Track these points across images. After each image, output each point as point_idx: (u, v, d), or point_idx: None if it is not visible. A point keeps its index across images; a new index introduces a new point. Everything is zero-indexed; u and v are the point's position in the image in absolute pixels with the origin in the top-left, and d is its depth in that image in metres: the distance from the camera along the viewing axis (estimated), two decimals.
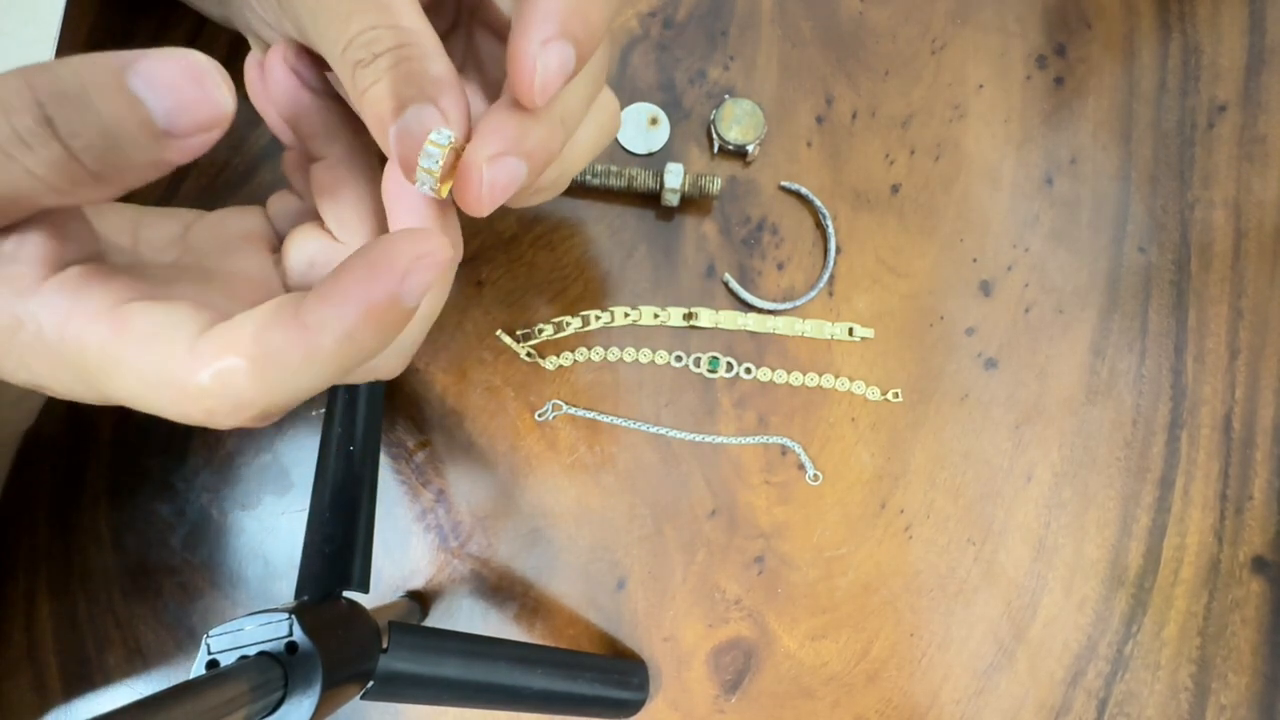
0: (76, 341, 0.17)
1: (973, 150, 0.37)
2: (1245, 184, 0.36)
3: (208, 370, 0.16)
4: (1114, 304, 0.36)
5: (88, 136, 0.14)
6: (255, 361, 0.16)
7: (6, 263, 0.17)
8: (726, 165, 0.36)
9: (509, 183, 0.18)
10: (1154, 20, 0.38)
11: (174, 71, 0.14)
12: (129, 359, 0.16)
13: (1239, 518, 0.35)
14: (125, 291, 0.17)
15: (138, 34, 0.37)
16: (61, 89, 0.14)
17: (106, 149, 0.15)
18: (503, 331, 0.35)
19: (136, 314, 0.17)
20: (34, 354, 0.17)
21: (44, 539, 0.35)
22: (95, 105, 0.14)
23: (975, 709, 0.34)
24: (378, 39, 0.18)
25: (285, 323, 0.16)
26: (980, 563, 0.35)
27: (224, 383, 0.16)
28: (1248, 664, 0.34)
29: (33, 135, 0.14)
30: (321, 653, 0.21)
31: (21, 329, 0.17)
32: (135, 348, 0.16)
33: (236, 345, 0.16)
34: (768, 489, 0.35)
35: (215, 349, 0.16)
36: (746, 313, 0.36)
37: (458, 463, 0.35)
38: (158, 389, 0.16)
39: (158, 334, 0.16)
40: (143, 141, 0.15)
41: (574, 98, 0.21)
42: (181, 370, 0.16)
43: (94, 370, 0.17)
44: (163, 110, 0.14)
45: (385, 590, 0.35)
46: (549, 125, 0.19)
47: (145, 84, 0.14)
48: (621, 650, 0.34)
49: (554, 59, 0.17)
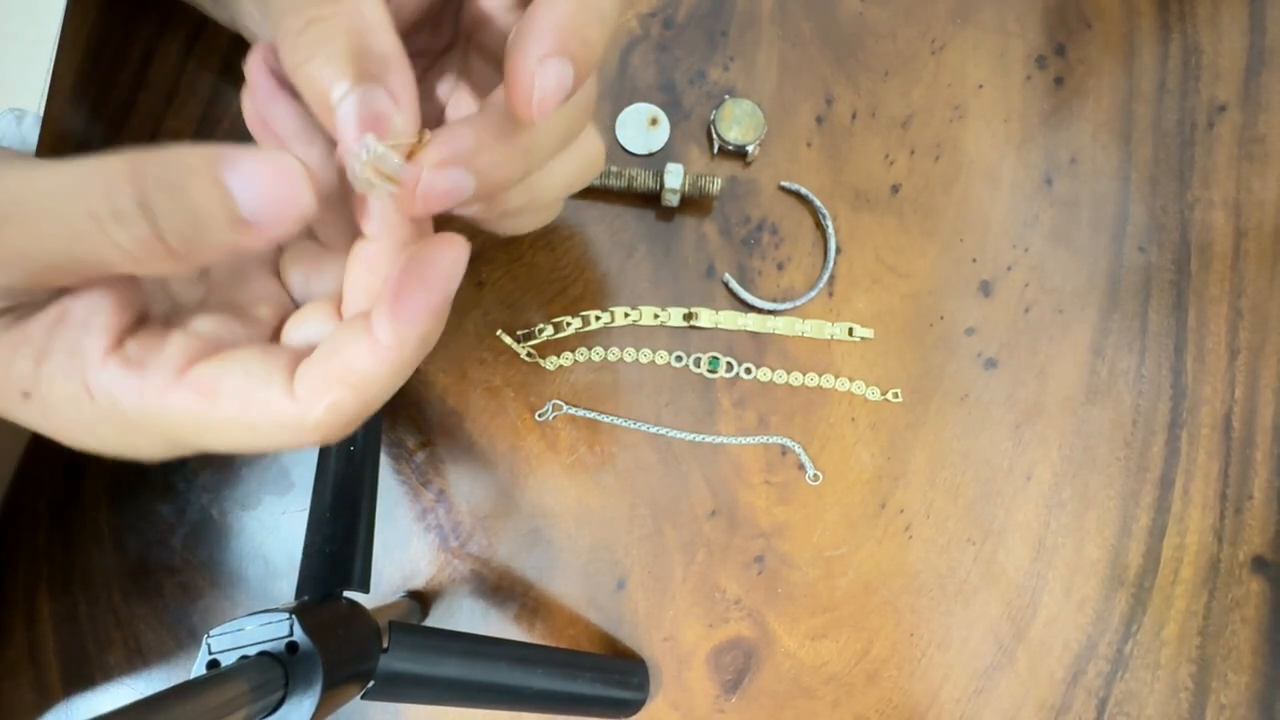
0: (160, 412, 0.18)
1: (973, 150, 0.37)
2: (1245, 184, 0.36)
3: (320, 408, 0.18)
4: (1114, 304, 0.36)
5: (177, 220, 0.16)
6: (356, 388, 0.18)
7: (77, 330, 0.18)
8: (726, 165, 0.36)
9: (449, 192, 0.18)
10: (1154, 20, 0.38)
11: (266, 170, 0.16)
12: (229, 418, 0.18)
13: (1239, 517, 0.35)
14: (184, 353, 0.18)
15: (138, 34, 0.37)
16: (162, 175, 0.16)
17: (191, 232, 0.16)
18: (503, 331, 0.35)
19: (217, 377, 0.18)
20: (106, 423, 0.18)
21: (44, 539, 0.35)
22: (190, 193, 0.16)
23: (975, 708, 0.34)
24: (316, 8, 0.17)
25: (370, 349, 0.17)
26: (980, 562, 0.35)
27: (335, 412, 0.18)
28: (1247, 663, 0.34)
29: (129, 214, 0.16)
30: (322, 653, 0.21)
31: (92, 400, 0.18)
32: (234, 408, 0.18)
33: (335, 379, 0.18)
34: (768, 489, 0.35)
35: (318, 388, 0.18)
36: (746, 313, 0.36)
37: (458, 463, 0.35)
38: (270, 434, 0.18)
39: (250, 391, 0.18)
40: (225, 228, 0.16)
41: (546, 131, 0.21)
42: (293, 415, 0.18)
43: (186, 432, 0.18)
44: (249, 202, 0.16)
45: (386, 590, 0.35)
46: (510, 150, 0.19)
47: (238, 178, 0.16)
48: (621, 650, 0.34)
49: (551, 76, 0.17)
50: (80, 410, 0.18)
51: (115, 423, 0.19)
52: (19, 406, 0.19)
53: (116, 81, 0.36)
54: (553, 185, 0.24)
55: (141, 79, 0.37)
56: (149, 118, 0.36)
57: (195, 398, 0.18)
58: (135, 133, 0.36)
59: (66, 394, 0.18)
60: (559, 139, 0.22)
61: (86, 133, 0.36)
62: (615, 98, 0.37)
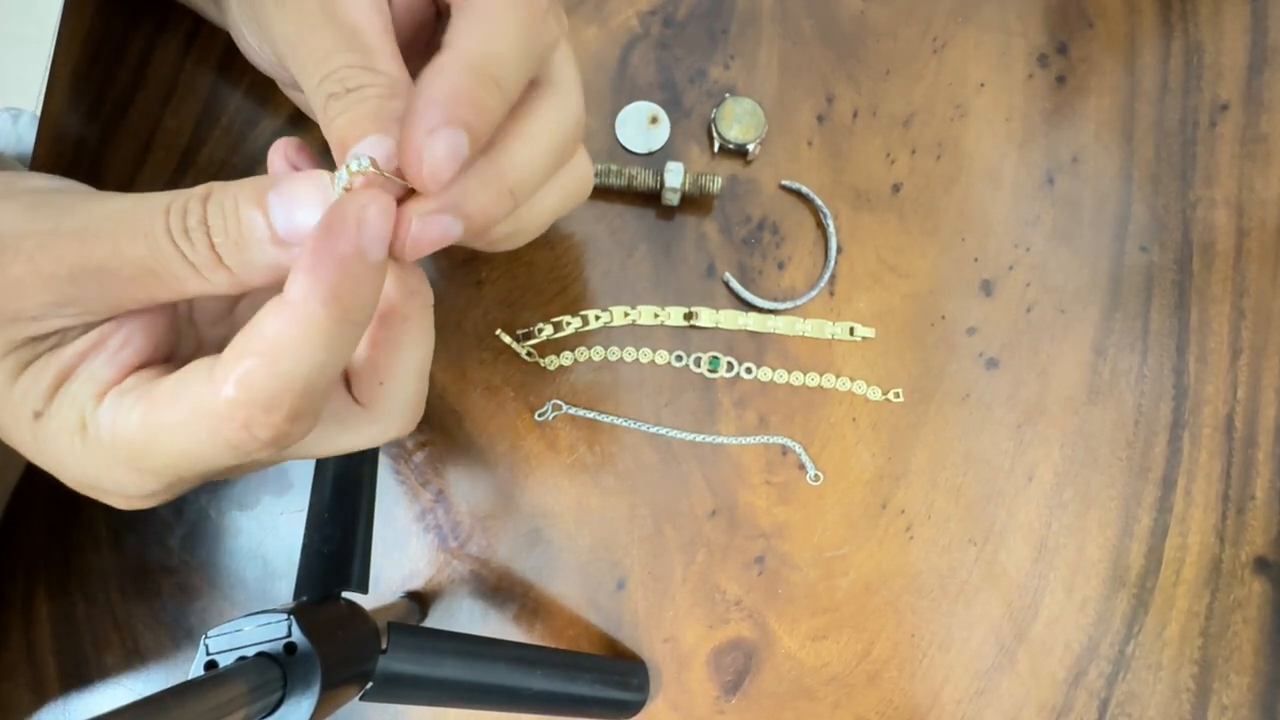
0: (121, 432, 0.19)
1: (974, 149, 0.37)
2: (1247, 183, 0.36)
3: (228, 383, 0.17)
4: (1116, 303, 0.36)
5: (230, 238, 0.18)
6: (264, 355, 0.17)
7: (104, 358, 0.19)
8: (727, 164, 0.36)
9: (437, 239, 0.19)
10: (1156, 19, 0.37)
11: (299, 188, 0.18)
12: (164, 419, 0.18)
13: (1241, 518, 0.35)
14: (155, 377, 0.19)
15: (136, 34, 0.37)
16: (223, 199, 0.18)
17: (239, 249, 0.18)
18: (503, 331, 0.35)
19: (159, 384, 0.19)
20: (92, 458, 0.19)
21: (43, 539, 0.35)
22: (239, 214, 0.18)
23: (976, 709, 0.34)
24: (353, 76, 0.20)
25: (275, 309, 0.17)
26: (981, 563, 0.35)
27: (246, 387, 0.17)
28: (1249, 664, 0.34)
29: (195, 229, 0.18)
30: (320, 654, 0.21)
31: (84, 432, 0.19)
32: (165, 408, 0.18)
33: (243, 350, 0.17)
34: (768, 489, 0.35)
35: (227, 363, 0.17)
36: (747, 312, 0.35)
37: (457, 463, 0.35)
38: (195, 428, 0.18)
39: (179, 386, 0.18)
40: (267, 246, 0.18)
41: (530, 170, 0.21)
42: (208, 397, 0.17)
43: (141, 451, 0.19)
44: (283, 222, 0.18)
45: (385, 591, 0.34)
46: (495, 193, 0.20)
47: (278, 199, 0.18)
48: (621, 651, 0.34)
49: (441, 147, 0.18)
50: (77, 442, 0.19)
51: (99, 457, 0.19)
52: (30, 427, 0.19)
53: (115, 80, 0.36)
54: (540, 213, 0.24)
55: (140, 77, 0.36)
56: (147, 116, 0.36)
57: (141, 408, 0.18)
58: (134, 131, 0.36)
59: (65, 421, 0.19)
60: (544, 175, 0.22)
61: (84, 131, 0.36)
62: (615, 96, 0.36)
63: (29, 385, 0.19)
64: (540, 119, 0.22)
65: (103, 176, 0.36)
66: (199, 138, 0.36)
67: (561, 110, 0.22)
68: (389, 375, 0.21)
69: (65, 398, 0.19)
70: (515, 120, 0.21)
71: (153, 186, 0.36)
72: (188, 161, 0.36)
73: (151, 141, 0.36)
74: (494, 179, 0.20)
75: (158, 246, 0.18)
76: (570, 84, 0.23)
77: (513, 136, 0.21)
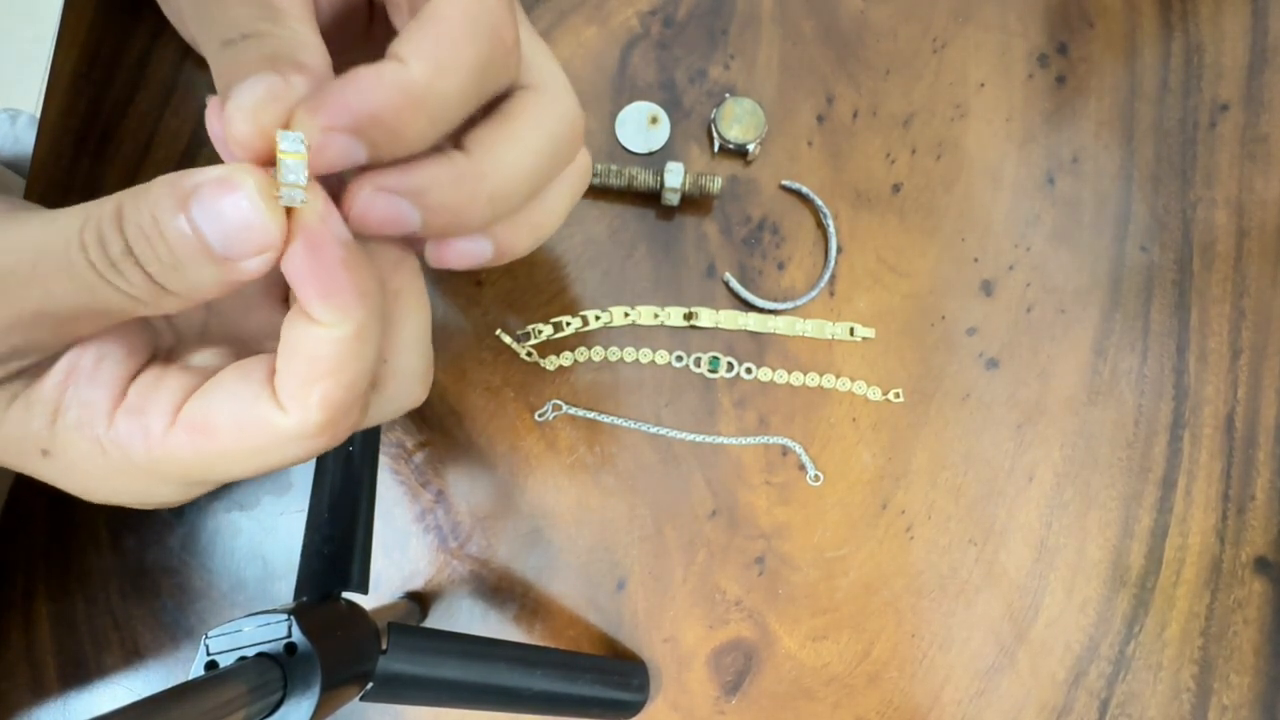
0: (166, 458, 0.18)
1: (974, 149, 0.37)
2: (1248, 183, 0.36)
3: (311, 409, 0.17)
4: (1116, 304, 0.36)
5: (159, 263, 0.16)
6: (332, 374, 0.17)
7: (86, 383, 0.18)
8: (727, 164, 0.36)
9: (387, 219, 0.17)
10: (1156, 19, 0.37)
11: (228, 203, 0.15)
12: (231, 450, 0.18)
13: (1241, 518, 0.35)
14: (178, 393, 0.18)
15: (136, 34, 0.37)
16: (139, 218, 0.15)
17: (178, 273, 0.16)
18: (503, 331, 0.35)
19: (207, 411, 0.18)
20: (122, 475, 0.19)
21: (42, 539, 0.35)
22: (165, 235, 0.15)
23: (976, 710, 0.34)
24: (251, 24, 0.17)
25: (322, 335, 0.17)
26: (982, 563, 0.35)
27: (330, 407, 0.17)
28: (1250, 665, 0.34)
29: (121, 261, 0.16)
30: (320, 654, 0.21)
31: (105, 454, 0.18)
32: (232, 438, 0.18)
33: (309, 375, 0.17)
34: (768, 489, 0.35)
35: (300, 392, 0.17)
36: (747, 312, 0.35)
37: (457, 463, 0.35)
38: (276, 452, 0.18)
39: (242, 415, 0.17)
40: (205, 265, 0.16)
41: (512, 177, 0.20)
42: (293, 425, 0.17)
43: (197, 472, 0.18)
44: (216, 238, 0.15)
45: (385, 591, 0.34)
46: (469, 197, 0.18)
47: (203, 214, 0.15)
48: (621, 651, 0.34)
49: (335, 148, 0.16)
50: (96, 464, 0.18)
51: (131, 474, 0.19)
52: (40, 464, 0.19)
53: (114, 80, 0.36)
54: (549, 214, 0.22)
55: (139, 77, 0.36)
56: (147, 116, 0.36)
57: (193, 438, 0.18)
58: (133, 132, 0.36)
59: (81, 450, 0.18)
60: (533, 182, 0.20)
61: (84, 132, 0.36)
62: (615, 96, 0.36)
63: (23, 423, 0.18)
64: (528, 124, 0.20)
65: (103, 177, 0.36)
66: (199, 138, 0.36)
67: (553, 114, 0.21)
68: (393, 352, 0.20)
69: (66, 431, 0.18)
70: (500, 124, 0.20)
71: None
72: (188, 161, 0.36)
73: (151, 142, 0.36)
74: (470, 180, 0.18)
75: (88, 285, 0.16)
76: (559, 85, 0.21)
77: (497, 141, 0.19)
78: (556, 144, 0.21)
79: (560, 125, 0.21)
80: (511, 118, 0.20)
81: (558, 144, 0.21)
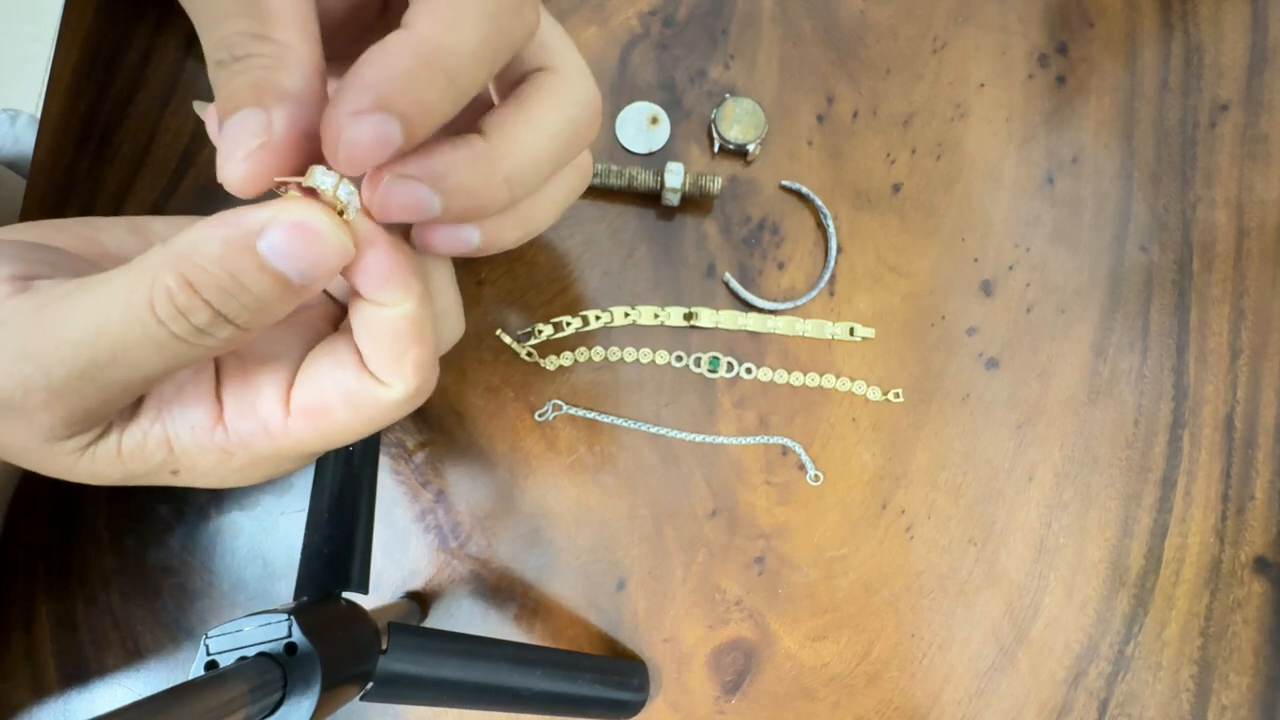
0: (292, 445, 0.20)
1: (974, 149, 0.37)
2: (1247, 183, 0.36)
3: (411, 378, 0.20)
4: (1116, 304, 0.36)
5: (248, 312, 0.17)
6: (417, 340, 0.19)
7: (179, 412, 0.20)
8: (727, 164, 0.36)
9: (409, 205, 0.18)
10: (1156, 19, 0.37)
11: (298, 241, 0.17)
12: (348, 424, 0.20)
13: (1241, 518, 0.35)
14: (276, 387, 0.21)
15: (136, 35, 0.37)
16: (219, 284, 0.17)
17: (259, 314, 0.17)
18: (503, 331, 0.35)
19: (320, 397, 0.20)
20: (252, 468, 0.21)
21: (43, 539, 0.35)
22: (249, 288, 0.17)
23: (976, 709, 0.34)
24: (241, 44, 0.18)
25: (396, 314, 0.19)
26: (981, 563, 0.35)
27: (424, 370, 0.20)
28: (1249, 664, 0.34)
29: (209, 326, 0.17)
30: (321, 654, 0.21)
31: (232, 458, 0.20)
32: (347, 415, 0.20)
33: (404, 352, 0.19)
34: (768, 489, 0.35)
35: (395, 363, 0.19)
36: (747, 312, 0.35)
37: (457, 463, 0.35)
38: (382, 417, 0.20)
39: (352, 394, 0.20)
40: (284, 298, 0.17)
41: (530, 159, 0.20)
42: (400, 394, 0.20)
43: (318, 446, 0.21)
44: (297, 273, 0.17)
45: (385, 591, 0.34)
46: (485, 179, 0.19)
47: (278, 256, 0.17)
48: (621, 651, 0.34)
49: (365, 131, 0.16)
50: (225, 467, 0.21)
51: (257, 464, 0.21)
52: (174, 480, 0.21)
53: (114, 80, 0.36)
54: (548, 206, 0.23)
55: (140, 78, 0.36)
56: (147, 117, 0.36)
57: (312, 421, 0.20)
58: (133, 132, 0.36)
59: (209, 461, 0.20)
60: (550, 166, 0.21)
61: (84, 132, 0.36)
62: (615, 96, 0.36)
63: (144, 461, 0.20)
64: (545, 106, 0.20)
65: (103, 177, 0.36)
66: (199, 138, 0.36)
67: (571, 97, 0.21)
68: (435, 299, 0.22)
69: (186, 454, 0.20)
70: (517, 106, 0.20)
71: (153, 187, 0.36)
72: (188, 162, 0.36)
73: (152, 142, 0.36)
74: (485, 161, 0.19)
75: (175, 353, 0.17)
76: (577, 68, 0.21)
77: (514, 123, 0.19)
78: (574, 126, 0.21)
79: (578, 109, 0.21)
80: (529, 100, 0.20)
81: (575, 126, 0.21)
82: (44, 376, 0.17)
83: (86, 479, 0.21)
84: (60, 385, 0.17)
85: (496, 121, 0.19)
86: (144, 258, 0.17)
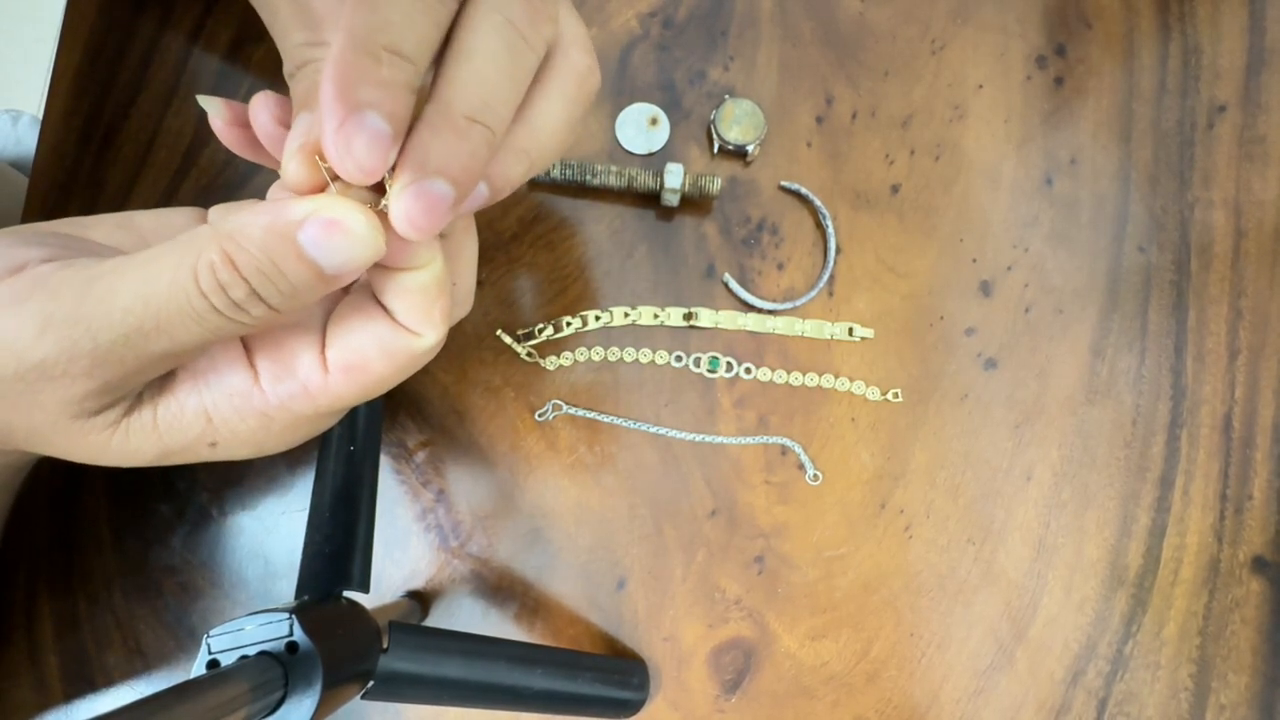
0: (333, 401, 0.22)
1: (973, 150, 0.37)
2: (1245, 184, 0.36)
3: (438, 325, 0.21)
4: (1114, 304, 0.36)
5: (281, 295, 0.18)
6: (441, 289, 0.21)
7: (215, 381, 0.21)
8: (726, 165, 0.36)
9: (430, 208, 0.18)
10: (1154, 20, 0.38)
11: (335, 237, 0.18)
12: (384, 375, 0.21)
13: (1239, 517, 0.35)
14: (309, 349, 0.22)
15: (138, 35, 0.37)
16: (259, 267, 0.18)
17: (292, 298, 0.19)
18: (503, 331, 0.35)
19: (358, 353, 0.21)
20: (292, 430, 0.22)
21: (44, 539, 0.35)
22: (286, 275, 0.18)
23: (975, 709, 0.34)
24: (300, 53, 0.20)
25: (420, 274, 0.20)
26: (980, 563, 0.35)
27: (448, 317, 0.22)
28: (1247, 664, 0.34)
29: (245, 303, 0.18)
30: (322, 653, 0.21)
31: (272, 421, 0.22)
32: (383, 366, 0.21)
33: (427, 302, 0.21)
34: (768, 489, 0.35)
35: (424, 313, 0.21)
36: (746, 313, 0.36)
37: (458, 463, 0.35)
38: (411, 365, 0.22)
39: (387, 347, 0.21)
40: (316, 286, 0.19)
41: (547, 136, 0.22)
42: (429, 343, 0.21)
43: (356, 400, 0.22)
44: (331, 266, 0.18)
45: (386, 590, 0.35)
46: (470, 142, 0.19)
47: (315, 248, 0.18)
48: (621, 650, 0.34)
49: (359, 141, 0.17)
50: (266, 431, 0.22)
51: (297, 425, 0.22)
52: (210, 453, 0.22)
53: (116, 81, 0.36)
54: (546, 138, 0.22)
55: (141, 78, 0.37)
56: (149, 117, 0.36)
57: (351, 375, 0.21)
58: (135, 132, 0.36)
59: (249, 426, 0.21)
60: (563, 136, 0.22)
61: (86, 132, 0.36)
62: (615, 97, 0.37)
63: (182, 434, 0.21)
64: (556, 88, 0.22)
65: (105, 178, 0.36)
66: (201, 138, 0.36)
67: (575, 70, 0.22)
68: (459, 275, 0.24)
69: (225, 422, 0.21)
70: (534, 94, 0.21)
71: (155, 186, 0.36)
72: (190, 162, 0.36)
73: (153, 142, 0.36)
74: (464, 126, 0.19)
75: (213, 326, 0.18)
76: (577, 41, 0.22)
77: (535, 112, 0.21)
78: (579, 98, 0.22)
79: (583, 83, 0.22)
80: (544, 84, 0.22)
81: (580, 98, 0.22)
82: (90, 341, 0.18)
83: (119, 459, 0.21)
84: (105, 351, 0.18)
85: (520, 112, 0.21)
86: (193, 233, 0.18)
